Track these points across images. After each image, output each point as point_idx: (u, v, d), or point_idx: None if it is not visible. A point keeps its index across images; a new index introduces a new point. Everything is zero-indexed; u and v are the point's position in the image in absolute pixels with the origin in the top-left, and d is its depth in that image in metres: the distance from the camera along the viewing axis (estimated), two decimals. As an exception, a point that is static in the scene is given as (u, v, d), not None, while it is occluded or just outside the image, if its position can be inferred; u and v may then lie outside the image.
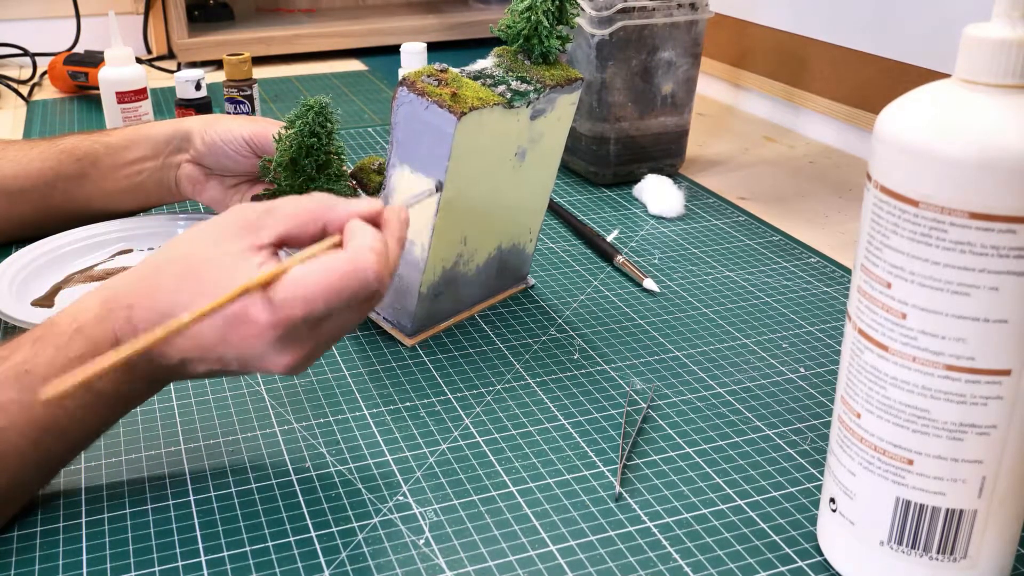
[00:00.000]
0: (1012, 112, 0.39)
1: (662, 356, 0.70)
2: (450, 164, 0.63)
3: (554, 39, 0.70)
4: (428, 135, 0.63)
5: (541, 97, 0.68)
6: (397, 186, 0.67)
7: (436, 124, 0.63)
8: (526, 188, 0.74)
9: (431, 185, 0.65)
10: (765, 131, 1.26)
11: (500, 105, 0.65)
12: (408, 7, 1.84)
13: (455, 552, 0.51)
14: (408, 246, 0.67)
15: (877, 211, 0.43)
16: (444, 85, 0.64)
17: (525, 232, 0.76)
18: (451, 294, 0.72)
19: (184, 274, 0.51)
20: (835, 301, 0.78)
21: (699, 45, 1.01)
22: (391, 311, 0.71)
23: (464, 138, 0.63)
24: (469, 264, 0.72)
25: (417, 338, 0.71)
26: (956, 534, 0.45)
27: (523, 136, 0.69)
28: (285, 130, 0.72)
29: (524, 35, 0.70)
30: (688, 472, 0.57)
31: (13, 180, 0.83)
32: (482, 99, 0.64)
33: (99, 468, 0.57)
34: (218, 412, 0.63)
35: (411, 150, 0.65)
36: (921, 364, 0.42)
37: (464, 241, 0.70)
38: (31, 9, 1.61)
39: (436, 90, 0.63)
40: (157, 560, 0.50)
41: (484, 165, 0.67)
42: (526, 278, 0.81)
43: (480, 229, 0.71)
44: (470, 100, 0.63)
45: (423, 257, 0.67)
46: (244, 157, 0.82)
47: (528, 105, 0.67)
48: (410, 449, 0.59)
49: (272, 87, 1.44)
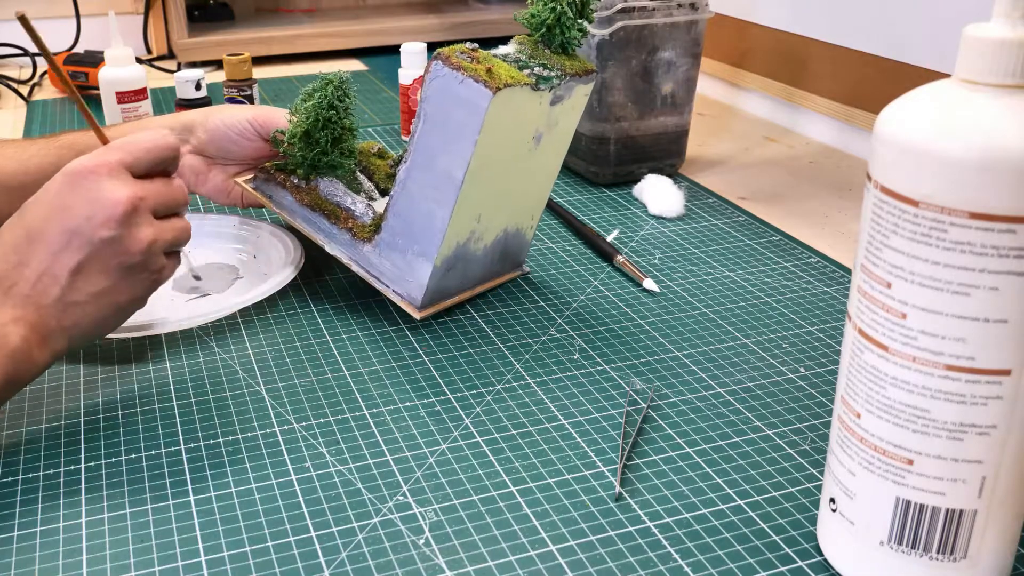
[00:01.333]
0: (1012, 112, 0.39)
1: (662, 356, 0.70)
2: (479, 139, 0.65)
3: (575, 30, 0.72)
4: (460, 109, 0.65)
5: (562, 84, 0.70)
6: (408, 176, 0.69)
7: (469, 98, 0.64)
8: (537, 173, 0.76)
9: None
10: (765, 131, 1.26)
11: (528, 86, 0.67)
12: (408, 7, 1.84)
13: (455, 552, 0.51)
14: (427, 218, 0.69)
15: (877, 211, 0.43)
16: (477, 62, 0.65)
17: (528, 218, 0.78)
18: (459, 270, 0.74)
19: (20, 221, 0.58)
20: (835, 301, 0.78)
21: (699, 45, 1.01)
22: (401, 284, 0.72)
23: (495, 114, 0.65)
24: (479, 243, 0.74)
25: (425, 311, 0.72)
26: (956, 534, 0.45)
27: (542, 120, 0.71)
28: (303, 102, 0.73)
29: (547, 24, 0.72)
30: (688, 472, 0.57)
31: (12, 176, 0.83)
32: (514, 78, 0.66)
33: (99, 468, 0.57)
34: (218, 412, 0.63)
35: (439, 125, 0.66)
36: (921, 364, 0.42)
37: (479, 219, 0.72)
38: (31, 9, 1.61)
39: (471, 65, 0.65)
40: (157, 560, 0.50)
41: (506, 145, 0.69)
42: (522, 265, 0.82)
43: (494, 209, 0.72)
44: (504, 77, 0.65)
45: (442, 230, 0.68)
46: (249, 140, 0.82)
47: (551, 90, 0.69)
48: (410, 449, 0.59)
49: (272, 87, 1.44)
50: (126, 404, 0.64)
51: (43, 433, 0.61)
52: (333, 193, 0.75)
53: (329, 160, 0.76)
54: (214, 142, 0.83)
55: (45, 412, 0.63)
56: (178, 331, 0.72)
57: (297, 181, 0.77)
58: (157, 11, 1.64)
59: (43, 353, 0.57)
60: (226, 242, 0.86)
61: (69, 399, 0.64)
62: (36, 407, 0.63)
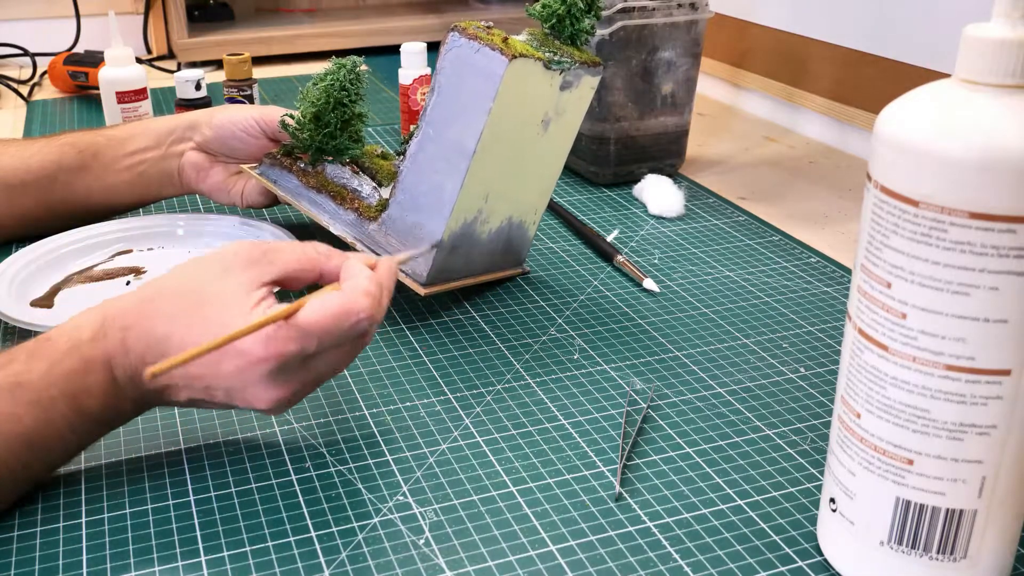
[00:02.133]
0: (1012, 112, 0.39)
1: (662, 356, 0.70)
2: (493, 107, 0.66)
3: (585, 22, 0.74)
4: (474, 78, 0.66)
5: (571, 69, 0.71)
6: (421, 148, 0.70)
7: (485, 66, 0.66)
8: (543, 163, 0.76)
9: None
10: (765, 131, 1.26)
11: (542, 62, 0.68)
12: (408, 7, 1.84)
13: (455, 552, 0.51)
14: (437, 191, 0.69)
15: (877, 211, 0.43)
16: (492, 35, 0.67)
17: (531, 212, 0.79)
18: (464, 253, 0.74)
19: (184, 302, 0.52)
20: (835, 301, 0.78)
21: (699, 45, 1.01)
22: (407, 264, 0.73)
23: (509, 84, 0.66)
24: (484, 226, 0.74)
25: (430, 289, 0.73)
26: (956, 534, 0.45)
27: (550, 104, 0.72)
28: (313, 85, 0.74)
29: (558, 15, 0.73)
30: (688, 472, 0.57)
31: (14, 173, 0.83)
32: (529, 51, 0.68)
33: (99, 468, 0.57)
34: (218, 412, 0.63)
35: (453, 95, 0.68)
36: (921, 364, 0.42)
37: (486, 198, 0.72)
38: (31, 9, 1.61)
39: (487, 36, 0.67)
40: (157, 560, 0.50)
41: (516, 122, 0.70)
42: (523, 264, 0.82)
43: (501, 190, 0.73)
44: (520, 48, 0.67)
45: (451, 203, 0.69)
46: (254, 138, 0.83)
47: (561, 73, 0.71)
48: (410, 449, 0.59)
49: (272, 87, 1.44)
50: (126, 404, 0.64)
51: (43, 433, 0.61)
52: (340, 175, 0.76)
53: (337, 144, 0.76)
54: (219, 139, 0.83)
55: (45, 412, 0.63)
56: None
57: (304, 165, 0.77)
58: (157, 11, 1.64)
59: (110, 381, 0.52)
60: (226, 242, 0.85)
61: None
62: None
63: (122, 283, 0.78)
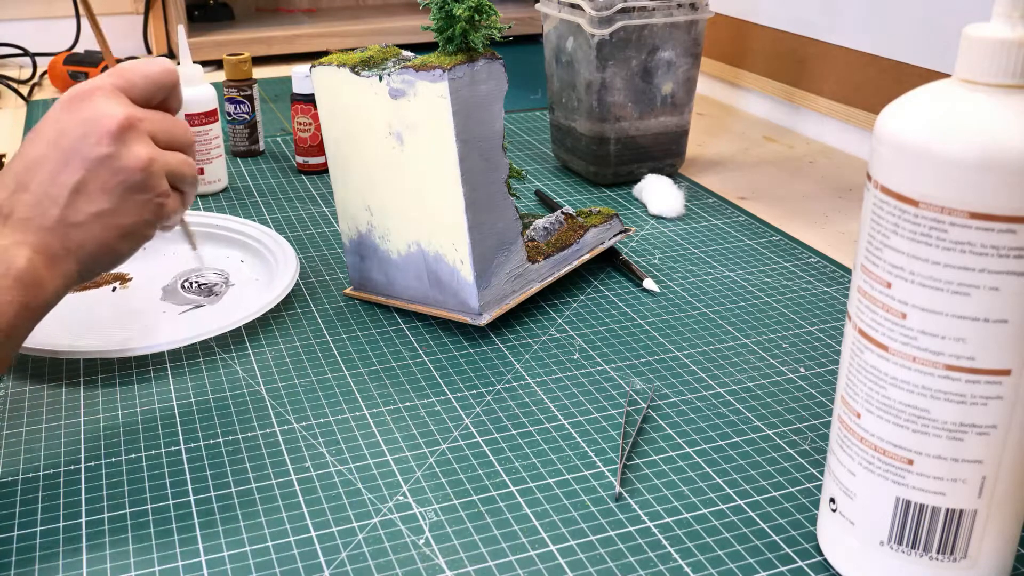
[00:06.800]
0: (1012, 112, 0.39)
1: (662, 356, 0.70)
2: (320, 113, 0.74)
3: (459, 11, 0.67)
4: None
5: (394, 75, 0.68)
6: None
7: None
8: (423, 182, 0.70)
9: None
10: (765, 131, 1.26)
11: (347, 67, 0.71)
12: (408, 7, 1.84)
13: (455, 552, 0.51)
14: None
15: (877, 211, 0.43)
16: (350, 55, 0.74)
17: (449, 246, 0.71)
18: (378, 267, 0.76)
19: (40, 140, 0.57)
20: (835, 301, 0.78)
21: (699, 45, 1.01)
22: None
23: (321, 91, 0.73)
24: (386, 243, 0.74)
25: (354, 293, 0.78)
26: (956, 534, 0.45)
27: (390, 114, 0.69)
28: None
29: (440, 25, 0.69)
30: (688, 472, 0.57)
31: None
32: (344, 60, 0.72)
33: (99, 468, 0.57)
34: (218, 412, 0.63)
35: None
36: (921, 364, 0.42)
37: (369, 210, 0.74)
38: (31, 9, 1.62)
39: (340, 56, 0.73)
40: (157, 560, 0.50)
41: (354, 132, 0.73)
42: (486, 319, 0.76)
43: (379, 204, 0.73)
44: (334, 61, 0.72)
45: (337, 193, 0.76)
46: None
47: (381, 80, 0.69)
48: (410, 449, 0.59)
49: (272, 87, 1.44)
50: (126, 404, 0.64)
51: (43, 433, 0.61)
52: None
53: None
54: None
55: (45, 412, 0.63)
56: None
57: None
58: (157, 11, 1.64)
59: (53, 276, 0.55)
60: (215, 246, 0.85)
61: (69, 399, 0.64)
62: (36, 407, 0.63)
63: (107, 290, 0.78)
